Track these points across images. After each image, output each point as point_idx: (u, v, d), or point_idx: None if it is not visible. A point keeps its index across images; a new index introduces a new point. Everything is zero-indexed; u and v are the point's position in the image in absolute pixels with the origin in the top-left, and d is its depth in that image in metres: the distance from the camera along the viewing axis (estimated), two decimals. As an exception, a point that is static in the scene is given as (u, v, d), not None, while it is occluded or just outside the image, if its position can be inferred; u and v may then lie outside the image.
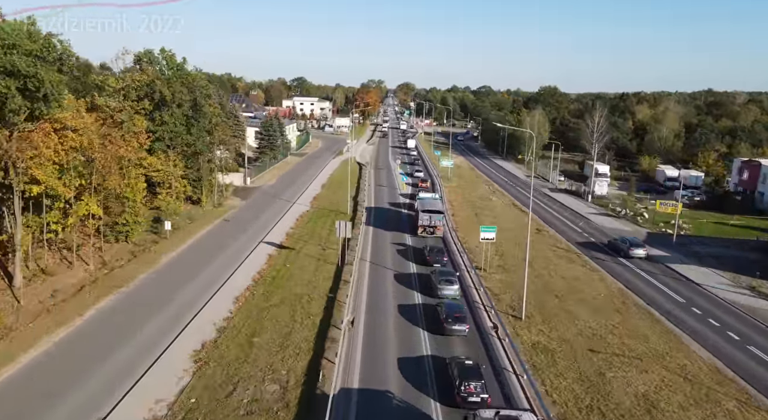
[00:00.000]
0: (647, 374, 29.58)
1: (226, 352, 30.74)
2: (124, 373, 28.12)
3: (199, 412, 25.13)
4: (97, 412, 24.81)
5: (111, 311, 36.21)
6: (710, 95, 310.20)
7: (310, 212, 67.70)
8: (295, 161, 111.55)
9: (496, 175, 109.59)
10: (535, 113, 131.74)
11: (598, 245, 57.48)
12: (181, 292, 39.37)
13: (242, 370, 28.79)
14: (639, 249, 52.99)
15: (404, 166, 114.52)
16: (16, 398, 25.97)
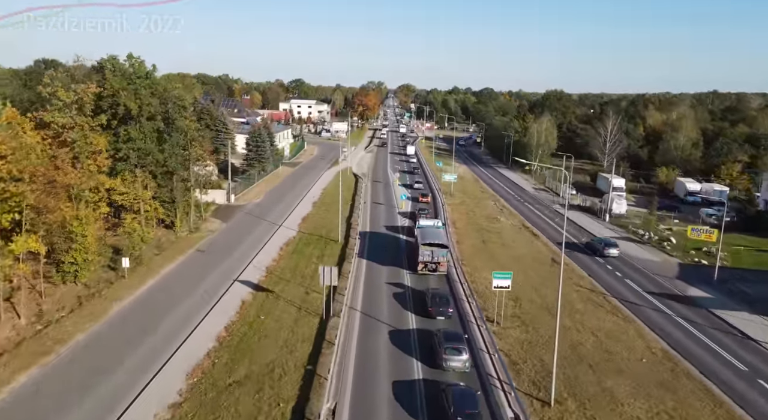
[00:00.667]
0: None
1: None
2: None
3: None
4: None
5: (18, 399, 28.22)
6: (717, 97, 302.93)
7: (297, 239, 59.76)
8: (287, 173, 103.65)
9: (502, 188, 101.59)
10: (542, 120, 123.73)
11: (627, 282, 49.56)
12: (122, 365, 31.44)
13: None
14: (613, 249, 57.93)
15: (403, 177, 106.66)
16: None
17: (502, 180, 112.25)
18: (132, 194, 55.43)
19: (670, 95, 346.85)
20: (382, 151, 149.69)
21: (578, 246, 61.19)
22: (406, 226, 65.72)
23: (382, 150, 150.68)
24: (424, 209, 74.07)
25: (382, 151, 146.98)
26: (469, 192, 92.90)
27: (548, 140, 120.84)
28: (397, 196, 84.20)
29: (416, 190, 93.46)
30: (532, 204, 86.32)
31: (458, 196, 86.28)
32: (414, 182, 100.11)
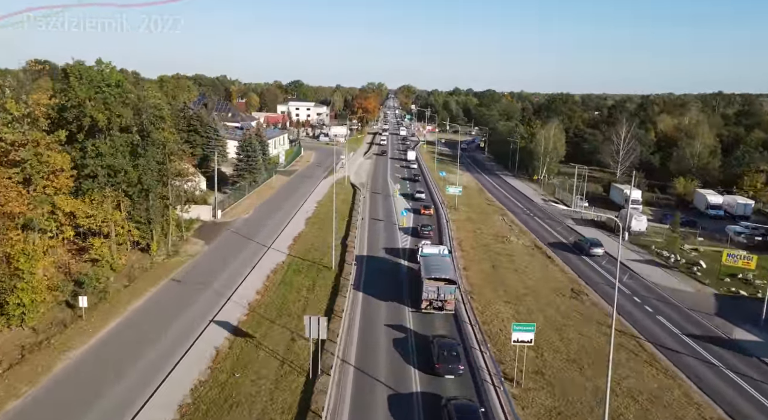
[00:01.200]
0: None
1: None
2: None
3: None
4: None
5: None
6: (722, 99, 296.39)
7: (286, 265, 53.42)
8: (281, 183, 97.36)
9: (509, 200, 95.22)
10: (550, 125, 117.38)
11: (660, 320, 43.28)
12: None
13: None
14: (598, 248, 61.13)
15: (404, 185, 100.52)
16: None
17: (508, 190, 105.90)
18: (100, 216, 49.25)
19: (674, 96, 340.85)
20: (382, 157, 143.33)
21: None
22: (408, 249, 59.39)
23: (381, 156, 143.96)
24: (427, 226, 67.78)
25: (382, 158, 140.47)
26: (475, 205, 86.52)
27: (557, 147, 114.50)
28: (398, 210, 77.93)
29: (418, 201, 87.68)
30: (543, 219, 79.97)
31: (463, 211, 79.91)
32: (415, 192, 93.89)
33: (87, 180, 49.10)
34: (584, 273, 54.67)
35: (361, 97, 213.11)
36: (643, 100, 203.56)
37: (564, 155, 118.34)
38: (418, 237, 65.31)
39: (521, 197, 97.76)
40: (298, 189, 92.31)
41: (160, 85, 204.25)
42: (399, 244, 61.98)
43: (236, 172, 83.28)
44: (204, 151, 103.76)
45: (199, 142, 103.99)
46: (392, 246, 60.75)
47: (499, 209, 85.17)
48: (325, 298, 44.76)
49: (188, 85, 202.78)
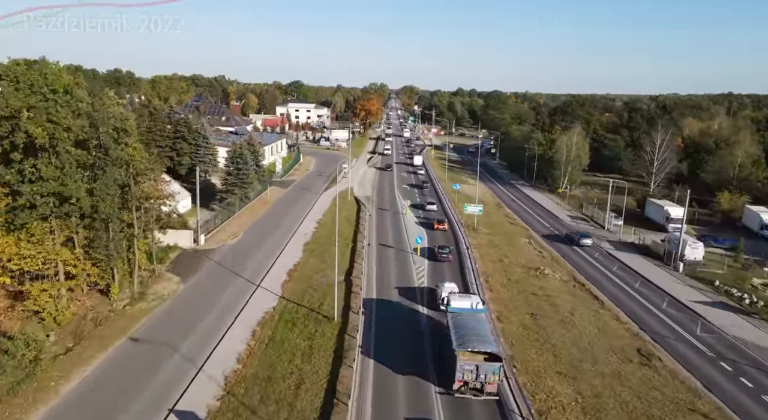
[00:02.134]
0: None
1: None
2: None
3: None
4: None
5: None
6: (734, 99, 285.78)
7: (278, 313, 42.88)
8: (277, 196, 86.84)
9: (531, 217, 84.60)
10: (572, 132, 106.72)
11: (766, 401, 32.77)
12: None
13: None
14: (587, 239, 66.69)
15: (412, 193, 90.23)
16: None
17: (528, 204, 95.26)
18: (41, 256, 38.92)
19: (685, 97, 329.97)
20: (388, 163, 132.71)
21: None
22: (426, 288, 48.90)
23: (387, 160, 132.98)
24: (445, 248, 58.58)
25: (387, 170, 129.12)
26: (496, 223, 75.97)
27: (579, 155, 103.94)
28: (410, 233, 67.43)
29: (428, 213, 79.73)
30: (575, 241, 69.47)
31: (484, 233, 69.34)
32: (426, 202, 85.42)
33: (24, 211, 38.69)
34: (644, 321, 44.15)
35: (364, 99, 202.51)
36: (669, 103, 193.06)
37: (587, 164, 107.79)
38: (435, 260, 56.52)
39: (544, 213, 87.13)
40: (295, 204, 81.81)
41: (152, 86, 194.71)
42: (414, 280, 51.40)
43: (225, 187, 72.85)
44: (192, 161, 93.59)
45: (186, 150, 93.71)
46: (407, 284, 50.12)
47: (523, 229, 74.57)
48: (326, 369, 34.22)
49: (182, 86, 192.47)
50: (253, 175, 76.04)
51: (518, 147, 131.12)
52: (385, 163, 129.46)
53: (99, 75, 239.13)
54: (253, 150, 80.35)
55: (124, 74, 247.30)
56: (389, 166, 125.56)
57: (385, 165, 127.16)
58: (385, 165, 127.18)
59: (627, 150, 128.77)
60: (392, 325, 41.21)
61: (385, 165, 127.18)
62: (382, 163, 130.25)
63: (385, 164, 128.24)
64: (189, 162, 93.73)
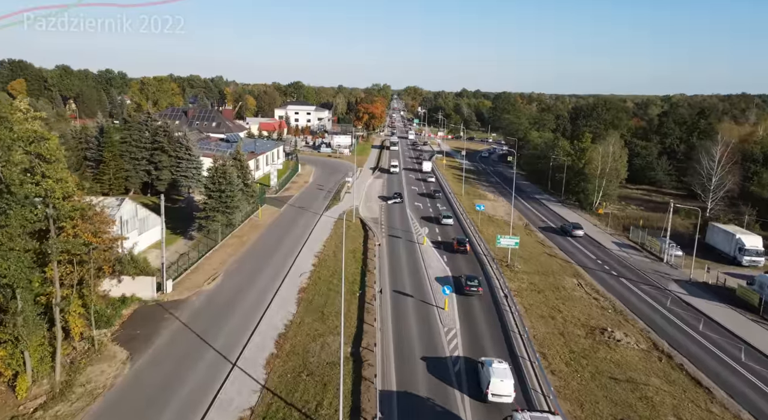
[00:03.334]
0: None
1: None
2: None
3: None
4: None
5: None
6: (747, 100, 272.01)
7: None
8: (269, 218, 73.45)
9: (570, 243, 71.00)
10: (608, 140, 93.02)
11: None
12: None
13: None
14: (579, 230, 73.00)
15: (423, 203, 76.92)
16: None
17: (560, 223, 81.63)
18: None
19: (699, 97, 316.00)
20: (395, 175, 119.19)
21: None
22: (461, 361, 35.61)
23: (394, 173, 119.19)
24: (474, 279, 48.73)
25: (395, 176, 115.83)
26: (532, 256, 62.43)
27: (617, 167, 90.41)
28: (430, 270, 53.98)
29: (444, 227, 73.16)
30: (634, 281, 56.00)
31: (522, 272, 55.81)
32: (441, 215, 76.86)
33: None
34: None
35: (367, 101, 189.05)
36: (705, 104, 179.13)
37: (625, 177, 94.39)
38: (463, 294, 47.29)
39: (584, 239, 73.54)
40: (291, 229, 68.43)
41: (141, 88, 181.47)
42: (445, 346, 38.09)
43: (204, 213, 59.30)
44: (173, 175, 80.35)
45: (166, 163, 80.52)
46: (435, 354, 36.72)
47: (566, 264, 61.05)
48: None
49: (173, 88, 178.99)
50: (239, 196, 62.57)
51: (539, 155, 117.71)
52: (393, 192, 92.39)
53: (90, 75, 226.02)
54: (240, 165, 66.82)
55: (115, 75, 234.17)
56: (398, 197, 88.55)
57: (393, 194, 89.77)
58: (394, 194, 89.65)
59: (661, 159, 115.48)
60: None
61: (394, 194, 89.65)
62: (387, 191, 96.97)
63: (394, 193, 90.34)
64: (169, 176, 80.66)
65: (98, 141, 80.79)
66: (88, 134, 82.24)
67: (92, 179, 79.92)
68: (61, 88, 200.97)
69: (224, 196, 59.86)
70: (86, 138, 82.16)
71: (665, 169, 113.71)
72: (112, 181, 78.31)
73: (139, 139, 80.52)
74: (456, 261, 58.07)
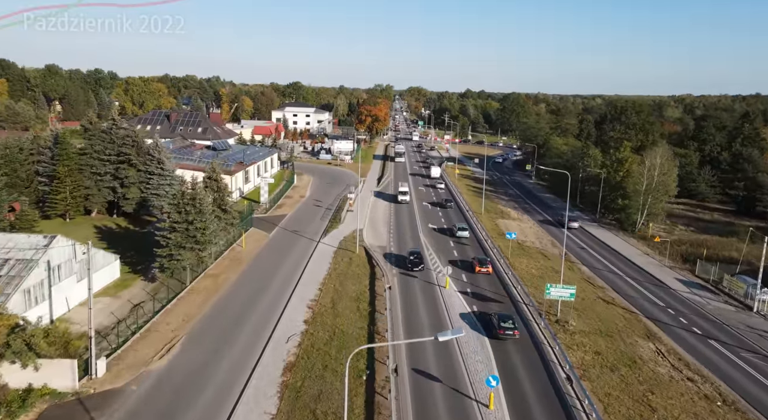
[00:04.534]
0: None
1: None
2: None
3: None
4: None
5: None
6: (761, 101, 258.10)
7: None
8: (254, 248, 59.73)
9: (623, 280, 57.24)
10: (654, 152, 79.05)
11: None
12: None
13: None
14: (574, 223, 77.51)
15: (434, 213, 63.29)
16: None
17: (605, 254, 67.74)
18: None
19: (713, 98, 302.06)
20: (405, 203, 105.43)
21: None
22: None
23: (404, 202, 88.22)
24: (508, 321, 39.47)
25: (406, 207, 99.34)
26: (587, 303, 48.45)
27: (666, 182, 76.72)
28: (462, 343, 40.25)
29: (460, 245, 64.87)
30: (729, 344, 42.29)
31: (578, 332, 42.02)
32: (455, 227, 69.81)
33: None
34: None
35: (370, 103, 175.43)
36: (750, 106, 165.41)
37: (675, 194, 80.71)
38: (494, 338, 38.09)
39: (638, 274, 59.74)
40: (279, 265, 54.75)
41: (125, 89, 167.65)
42: None
43: (166, 251, 45.47)
44: (142, 193, 66.82)
45: (133, 179, 67.08)
46: None
47: (630, 315, 47.19)
48: None
49: (160, 89, 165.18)
50: (214, 227, 48.89)
51: (565, 165, 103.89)
52: (408, 251, 57.69)
53: (78, 75, 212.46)
54: (216, 186, 53.04)
55: (105, 75, 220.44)
56: (417, 260, 54.75)
57: (410, 257, 55.36)
58: (411, 256, 55.34)
59: (704, 168, 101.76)
60: None
61: (411, 256, 55.34)
62: (396, 233, 68.96)
63: (410, 255, 55.87)
64: (138, 194, 67.10)
65: (52, 152, 67.23)
66: (41, 145, 68.65)
67: (43, 199, 66.63)
68: (45, 88, 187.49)
69: (193, 229, 46.19)
70: (38, 149, 68.61)
71: (708, 180, 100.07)
72: (68, 201, 64.87)
73: (102, 150, 67.02)
74: (476, 280, 45.40)
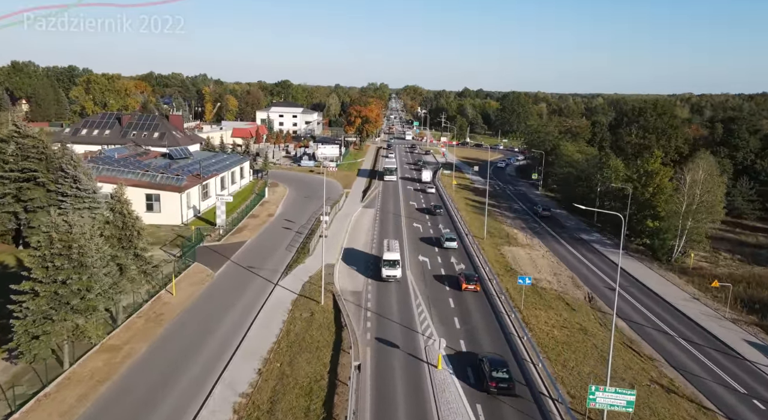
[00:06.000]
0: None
1: None
2: None
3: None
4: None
5: None
6: None
7: None
8: (184, 301, 44.40)
9: (673, 342, 42.36)
10: (696, 163, 64.03)
11: None
12: None
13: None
14: (546, 210, 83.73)
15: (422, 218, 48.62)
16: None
17: (644, 298, 52.60)
18: None
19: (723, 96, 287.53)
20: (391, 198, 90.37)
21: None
22: None
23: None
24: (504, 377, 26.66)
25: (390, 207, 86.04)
26: (640, 395, 33.45)
27: (710, 202, 61.85)
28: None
29: (446, 252, 59.54)
30: None
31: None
32: (443, 238, 62.92)
33: None
34: None
35: (360, 102, 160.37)
36: (725, 103, 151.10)
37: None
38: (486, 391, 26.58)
39: (696, 333, 44.72)
40: (214, 325, 39.71)
41: (86, 88, 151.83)
42: None
43: (22, 326, 30.43)
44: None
45: (42, 201, 52.08)
46: None
47: (705, 414, 32.37)
48: None
49: (127, 87, 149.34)
50: (107, 280, 33.87)
51: (578, 176, 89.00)
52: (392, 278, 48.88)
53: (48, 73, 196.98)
54: (122, 221, 37.90)
55: (80, 71, 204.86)
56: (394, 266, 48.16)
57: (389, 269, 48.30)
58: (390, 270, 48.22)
59: (740, 180, 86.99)
60: None
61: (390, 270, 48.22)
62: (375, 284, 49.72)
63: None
64: (48, 221, 51.92)
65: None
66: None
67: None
68: (10, 86, 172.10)
69: (68, 292, 31.17)
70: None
71: (745, 193, 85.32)
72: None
73: (2, 164, 52.04)
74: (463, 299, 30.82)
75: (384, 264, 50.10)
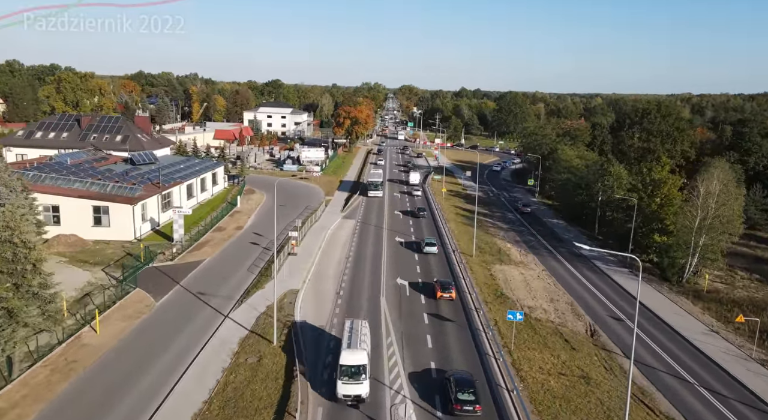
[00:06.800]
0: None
1: None
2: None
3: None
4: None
5: None
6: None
7: None
8: (108, 340, 36.62)
9: (700, 397, 35.04)
10: (710, 172, 56.54)
11: None
12: None
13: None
14: (527, 207, 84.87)
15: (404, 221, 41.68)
16: None
17: (655, 332, 45.12)
18: None
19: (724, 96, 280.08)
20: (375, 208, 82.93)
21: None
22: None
23: (374, 207, 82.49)
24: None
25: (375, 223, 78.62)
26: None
27: (729, 214, 54.43)
28: None
29: (426, 258, 56.79)
30: None
31: None
32: (424, 242, 59.68)
33: None
34: None
35: (350, 103, 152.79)
36: (726, 103, 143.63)
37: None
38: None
39: (720, 380, 37.25)
40: (135, 376, 32.24)
41: (57, 88, 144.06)
42: None
43: None
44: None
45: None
46: None
47: None
48: None
49: (103, 86, 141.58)
50: None
51: (577, 183, 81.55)
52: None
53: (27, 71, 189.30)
54: (12, 253, 30.38)
55: (62, 70, 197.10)
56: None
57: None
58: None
59: (753, 187, 79.63)
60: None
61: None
62: (342, 312, 42.59)
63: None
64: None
65: None
66: None
67: None
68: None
69: None
70: None
71: (759, 202, 77.96)
72: None
73: None
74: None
75: (341, 373, 29.46)
